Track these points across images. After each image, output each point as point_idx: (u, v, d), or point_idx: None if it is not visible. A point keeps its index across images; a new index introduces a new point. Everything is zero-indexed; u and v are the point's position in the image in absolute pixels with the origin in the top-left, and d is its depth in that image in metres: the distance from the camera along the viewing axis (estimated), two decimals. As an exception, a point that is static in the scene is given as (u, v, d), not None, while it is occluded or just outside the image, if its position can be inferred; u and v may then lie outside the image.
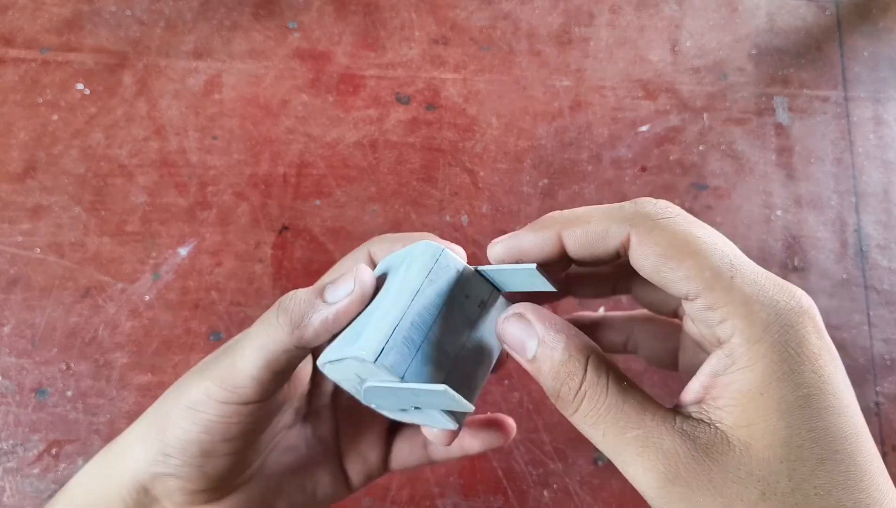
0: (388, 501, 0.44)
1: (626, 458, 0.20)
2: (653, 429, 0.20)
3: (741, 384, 0.20)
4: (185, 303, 0.48)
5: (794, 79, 0.57)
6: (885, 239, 0.52)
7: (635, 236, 0.21)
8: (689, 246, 0.20)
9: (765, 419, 0.19)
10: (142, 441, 0.28)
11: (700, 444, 0.20)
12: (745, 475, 0.19)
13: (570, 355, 0.21)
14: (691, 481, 0.19)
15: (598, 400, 0.21)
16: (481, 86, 0.56)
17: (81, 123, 0.53)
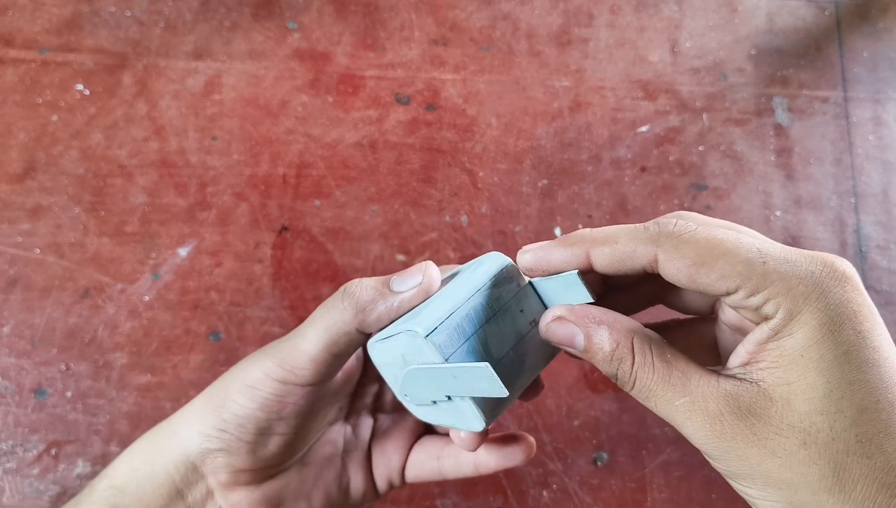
0: (388, 501, 0.44)
1: (678, 421, 0.23)
2: (698, 395, 0.22)
3: (782, 349, 0.21)
4: (185, 303, 0.48)
5: (794, 79, 0.57)
6: (885, 240, 0.52)
7: (662, 255, 0.23)
8: (716, 250, 0.22)
9: (804, 376, 0.21)
10: (198, 416, 0.29)
11: (743, 402, 0.22)
12: (787, 427, 0.21)
13: (617, 342, 0.24)
14: (736, 435, 0.21)
15: (647, 377, 0.23)
16: (481, 86, 0.56)
17: (81, 123, 0.53)
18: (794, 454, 0.21)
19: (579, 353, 0.25)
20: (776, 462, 0.21)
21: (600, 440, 0.46)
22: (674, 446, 0.46)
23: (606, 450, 0.45)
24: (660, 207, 0.53)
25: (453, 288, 0.26)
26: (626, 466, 0.45)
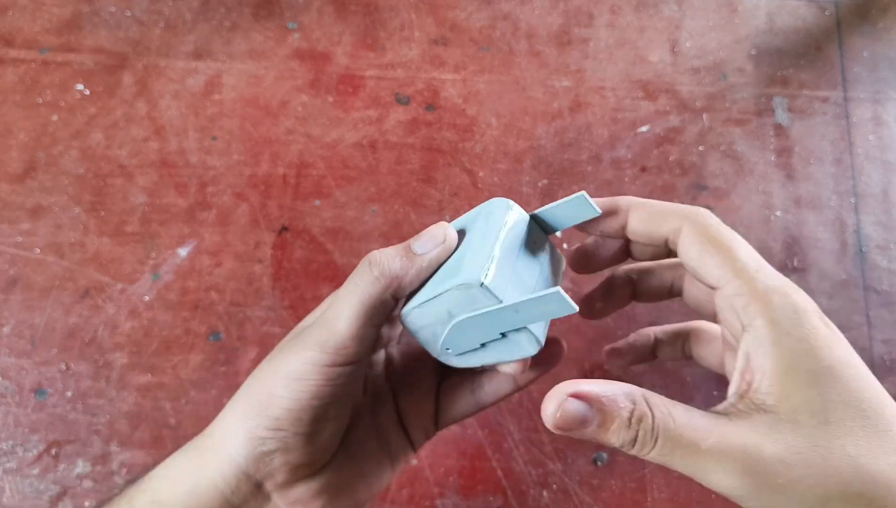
0: (387, 501, 0.44)
1: (706, 468, 0.23)
2: (721, 433, 0.23)
3: (773, 362, 0.23)
4: (185, 303, 0.48)
5: (794, 79, 0.57)
6: (885, 240, 0.52)
7: (687, 227, 0.26)
8: (726, 243, 0.25)
9: (798, 390, 0.23)
10: (242, 423, 0.28)
11: (760, 431, 0.23)
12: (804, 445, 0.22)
13: (634, 402, 0.24)
14: (766, 468, 0.22)
15: (671, 427, 0.24)
16: (481, 86, 0.56)
17: (81, 123, 0.53)
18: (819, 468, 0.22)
19: (591, 432, 0.25)
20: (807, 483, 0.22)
21: (600, 441, 0.46)
22: (674, 446, 0.46)
23: (606, 450, 0.46)
24: (660, 207, 0.53)
25: (478, 236, 0.28)
26: (625, 466, 0.45)
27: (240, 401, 0.29)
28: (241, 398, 0.29)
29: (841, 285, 0.51)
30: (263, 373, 0.29)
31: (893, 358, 0.49)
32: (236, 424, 0.28)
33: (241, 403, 0.29)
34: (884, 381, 0.49)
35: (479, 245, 0.27)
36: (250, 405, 0.28)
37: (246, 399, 0.29)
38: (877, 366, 0.49)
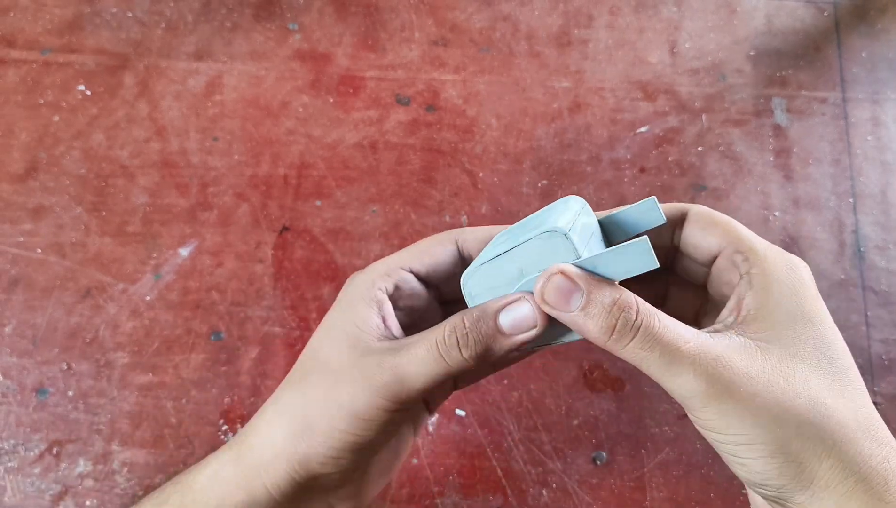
0: (388, 500, 0.44)
1: (678, 369, 0.24)
2: (700, 342, 0.25)
3: (759, 302, 0.26)
4: (186, 303, 0.49)
5: (793, 80, 0.58)
6: (883, 240, 0.53)
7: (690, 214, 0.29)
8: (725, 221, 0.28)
9: (777, 325, 0.25)
10: (296, 444, 0.29)
11: (734, 349, 0.25)
12: (771, 368, 0.24)
13: (621, 294, 0.25)
14: (733, 379, 0.24)
15: (654, 325, 0.25)
16: (481, 87, 0.56)
17: (83, 124, 0.53)
18: (781, 390, 0.24)
19: (566, 316, 0.26)
20: (766, 399, 0.24)
21: (599, 440, 0.46)
22: (672, 445, 0.46)
23: (606, 449, 0.46)
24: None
25: (557, 215, 0.28)
26: (625, 465, 0.45)
27: (290, 422, 0.29)
28: (293, 419, 0.29)
29: (839, 285, 0.51)
30: (320, 400, 0.29)
31: (892, 357, 0.49)
32: (291, 446, 0.29)
33: (292, 424, 0.29)
34: (882, 380, 0.49)
35: (559, 214, 0.28)
36: (306, 431, 0.29)
37: (301, 422, 0.29)
38: (875, 365, 0.49)
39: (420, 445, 0.45)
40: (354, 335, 0.30)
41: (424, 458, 0.45)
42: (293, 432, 0.29)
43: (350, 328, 0.30)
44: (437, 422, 0.46)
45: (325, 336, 0.31)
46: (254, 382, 0.47)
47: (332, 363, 0.30)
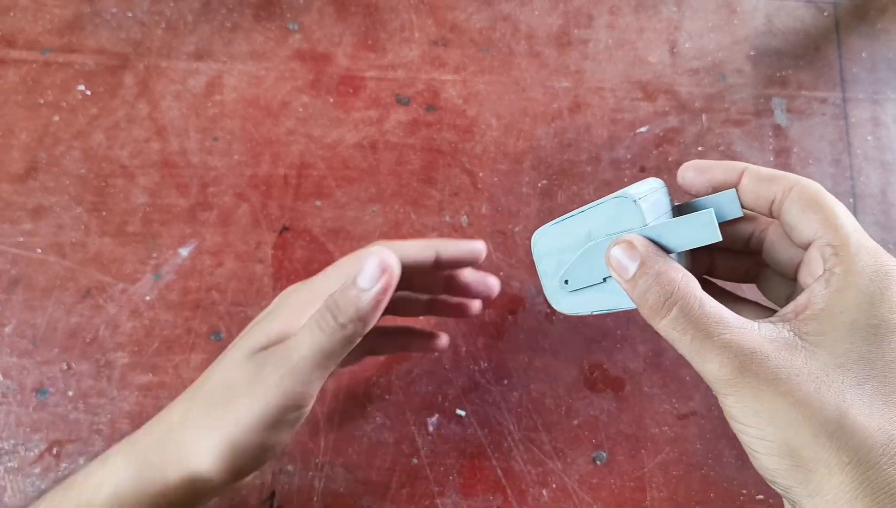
0: (387, 500, 0.44)
1: (707, 356, 0.24)
2: (738, 333, 0.24)
3: (827, 303, 0.24)
4: (186, 303, 0.49)
5: (793, 80, 0.58)
6: (883, 240, 0.53)
7: (797, 188, 0.28)
8: (829, 204, 0.27)
9: (835, 331, 0.24)
10: (210, 437, 0.31)
11: (776, 345, 0.24)
12: (807, 373, 0.23)
13: (665, 269, 0.26)
14: (759, 373, 0.24)
15: (691, 307, 0.25)
16: (481, 87, 0.56)
17: (83, 124, 0.53)
18: (807, 396, 0.23)
19: (623, 281, 0.27)
20: (788, 400, 0.23)
21: (599, 440, 0.46)
22: (672, 445, 0.46)
23: (606, 449, 0.46)
24: (659, 207, 0.53)
25: (632, 187, 0.29)
26: (625, 465, 0.45)
27: (205, 416, 0.32)
28: (206, 413, 0.32)
29: (839, 285, 0.51)
30: (224, 394, 0.31)
31: (891, 358, 0.49)
32: (206, 440, 0.31)
33: (205, 418, 0.31)
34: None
35: (635, 187, 0.29)
36: (218, 425, 0.31)
37: (211, 415, 0.31)
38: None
39: (420, 445, 0.45)
40: (247, 355, 0.32)
41: (424, 458, 0.45)
42: (210, 430, 0.31)
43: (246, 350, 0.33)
44: (437, 422, 0.46)
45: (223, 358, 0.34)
46: (254, 382, 0.47)
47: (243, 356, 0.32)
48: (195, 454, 0.31)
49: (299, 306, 0.33)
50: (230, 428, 0.30)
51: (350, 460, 0.45)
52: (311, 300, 0.33)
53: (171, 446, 0.31)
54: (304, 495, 0.44)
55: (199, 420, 0.31)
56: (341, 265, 0.35)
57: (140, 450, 0.33)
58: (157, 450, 0.32)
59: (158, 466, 0.31)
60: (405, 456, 0.45)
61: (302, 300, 0.34)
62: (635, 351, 0.48)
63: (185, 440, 0.31)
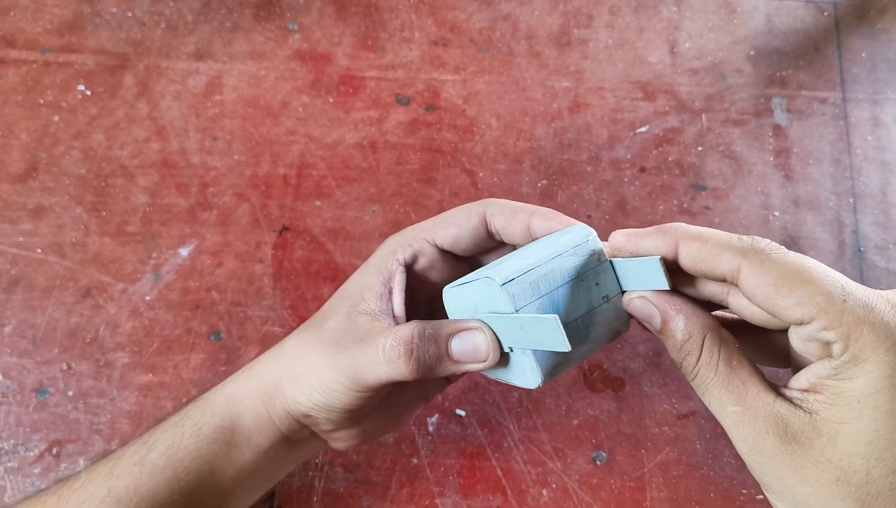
0: (387, 500, 0.44)
1: (726, 425, 0.25)
2: (751, 408, 0.24)
3: (841, 390, 0.22)
4: (186, 303, 0.49)
5: (793, 80, 0.58)
6: (883, 240, 0.53)
7: (746, 267, 0.23)
8: (801, 275, 0.22)
9: (856, 420, 0.22)
10: (290, 392, 0.32)
11: (790, 428, 0.23)
12: (825, 461, 0.22)
13: (690, 334, 0.25)
14: (776, 456, 0.23)
15: (709, 376, 0.25)
16: (481, 87, 0.56)
17: (83, 124, 0.53)
18: (826, 487, 0.22)
19: (655, 332, 0.27)
20: (807, 489, 0.22)
21: (599, 440, 0.46)
22: (672, 445, 0.46)
23: (605, 449, 0.46)
24: (659, 207, 0.53)
25: (536, 248, 0.27)
26: (625, 465, 0.45)
27: (286, 368, 0.32)
28: (287, 366, 0.32)
29: (839, 285, 0.51)
30: (305, 360, 0.32)
31: (891, 358, 0.49)
32: (286, 387, 0.32)
33: (286, 371, 0.32)
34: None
35: (530, 255, 0.27)
36: (296, 380, 0.32)
37: (291, 372, 0.32)
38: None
39: (420, 445, 0.45)
40: (354, 302, 0.32)
41: (424, 458, 0.45)
42: (286, 376, 0.32)
43: (355, 293, 0.32)
44: (437, 422, 0.46)
45: (339, 295, 0.33)
46: (254, 382, 0.47)
47: (326, 324, 0.32)
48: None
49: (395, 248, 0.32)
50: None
51: (350, 460, 0.45)
52: (398, 245, 0.32)
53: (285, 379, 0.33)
54: (303, 495, 0.44)
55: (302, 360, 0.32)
56: (456, 214, 0.32)
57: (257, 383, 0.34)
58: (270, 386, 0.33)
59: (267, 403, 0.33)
60: (405, 456, 0.45)
61: (398, 242, 0.33)
62: (635, 351, 0.48)
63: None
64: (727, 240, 0.25)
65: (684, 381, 0.48)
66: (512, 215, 0.30)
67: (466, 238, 0.32)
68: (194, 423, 0.33)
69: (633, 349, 0.48)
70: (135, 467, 0.32)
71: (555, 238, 0.28)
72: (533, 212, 0.30)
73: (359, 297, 0.31)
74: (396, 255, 0.32)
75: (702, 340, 0.25)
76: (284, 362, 0.33)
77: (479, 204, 0.32)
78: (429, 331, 0.28)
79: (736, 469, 0.45)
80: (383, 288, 0.31)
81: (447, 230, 0.32)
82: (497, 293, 0.26)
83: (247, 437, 0.33)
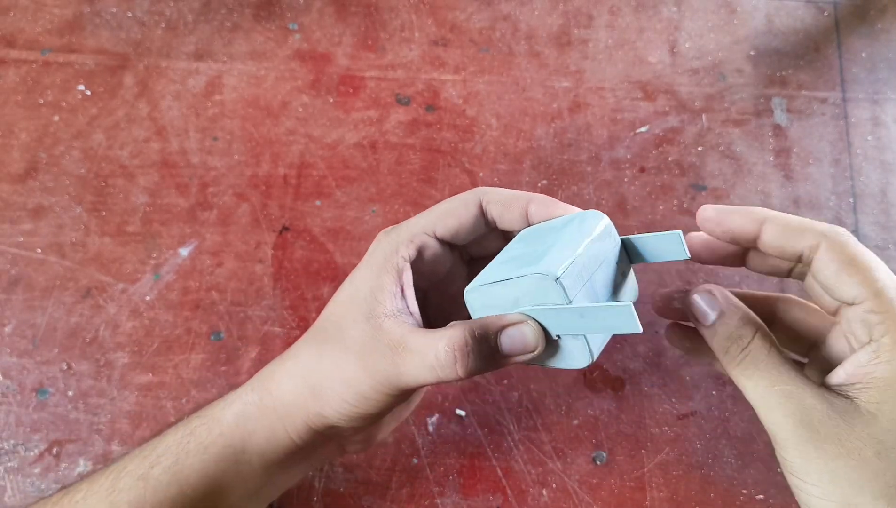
0: (387, 500, 0.44)
1: (770, 404, 0.26)
2: (799, 386, 0.25)
3: (880, 373, 0.25)
4: (186, 303, 0.49)
5: (793, 80, 0.58)
6: (883, 240, 0.53)
7: (825, 245, 0.26)
8: (865, 262, 0.26)
9: (893, 399, 0.24)
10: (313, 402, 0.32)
11: (835, 407, 0.25)
12: (867, 436, 0.24)
13: (744, 323, 0.27)
14: (821, 430, 0.25)
15: (759, 358, 0.26)
16: (481, 87, 0.56)
17: (83, 124, 0.53)
18: (868, 460, 0.24)
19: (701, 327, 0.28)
20: (849, 462, 0.24)
21: (599, 440, 0.46)
22: (672, 445, 0.46)
23: (605, 449, 0.46)
24: (659, 207, 0.53)
25: (566, 237, 0.28)
26: (625, 465, 0.45)
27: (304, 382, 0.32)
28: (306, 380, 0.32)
29: (839, 285, 0.51)
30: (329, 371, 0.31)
31: (891, 358, 0.49)
32: (306, 402, 0.32)
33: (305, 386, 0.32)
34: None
35: (564, 245, 0.28)
36: (319, 393, 0.31)
37: (313, 386, 0.32)
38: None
39: (420, 445, 0.45)
40: (370, 306, 0.31)
41: (424, 458, 0.45)
42: (306, 392, 0.32)
43: (368, 296, 0.32)
44: (437, 422, 0.46)
45: (347, 300, 0.33)
46: (254, 382, 0.47)
47: (346, 332, 0.31)
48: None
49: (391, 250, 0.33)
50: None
51: (350, 460, 0.45)
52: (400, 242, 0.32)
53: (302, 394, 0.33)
54: (303, 495, 0.44)
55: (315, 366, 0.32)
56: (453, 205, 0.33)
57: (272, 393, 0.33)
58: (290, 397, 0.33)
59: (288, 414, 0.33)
60: (405, 456, 0.45)
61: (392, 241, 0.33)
62: (635, 351, 0.48)
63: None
64: (809, 222, 0.27)
65: (684, 381, 0.48)
66: (509, 203, 0.32)
67: (466, 228, 0.32)
68: (200, 441, 0.32)
69: (633, 348, 0.48)
70: (138, 482, 0.31)
71: (576, 226, 0.29)
72: (529, 199, 0.31)
73: (373, 300, 0.31)
74: (401, 252, 0.32)
75: (755, 329, 0.27)
76: (305, 378, 0.32)
77: (472, 193, 0.33)
78: (478, 332, 0.29)
79: (736, 469, 0.45)
80: (395, 288, 0.31)
81: (447, 222, 0.32)
82: (550, 288, 0.27)
83: (258, 454, 0.32)
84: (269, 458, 0.33)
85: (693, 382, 0.47)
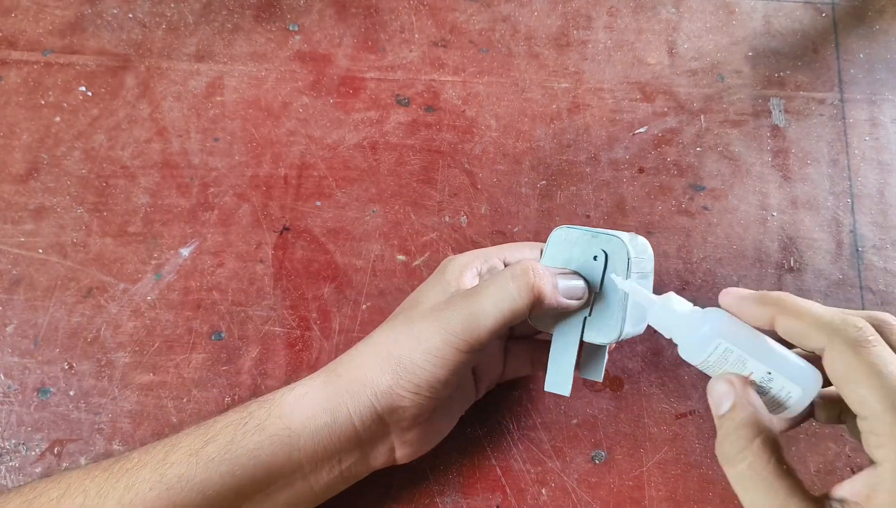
0: (388, 499, 0.44)
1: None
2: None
3: (880, 502, 0.23)
4: (187, 303, 0.49)
5: (791, 81, 0.58)
6: (881, 240, 0.53)
7: (827, 353, 0.25)
8: (872, 367, 0.24)
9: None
10: (382, 377, 0.33)
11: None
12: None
13: (751, 421, 0.26)
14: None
15: (756, 468, 0.25)
16: (480, 88, 0.56)
17: (84, 124, 0.54)
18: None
19: (715, 416, 0.28)
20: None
21: (598, 439, 0.46)
22: (671, 444, 0.46)
23: (604, 448, 0.46)
24: (657, 207, 0.53)
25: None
26: (623, 464, 0.46)
27: (377, 356, 0.33)
28: (378, 353, 0.33)
29: (837, 285, 0.51)
30: (403, 338, 0.33)
31: (889, 357, 0.49)
32: (377, 377, 0.33)
33: (378, 358, 0.33)
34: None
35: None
36: (391, 364, 0.33)
37: (386, 356, 0.33)
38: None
39: (420, 444, 0.46)
40: (445, 286, 0.35)
41: (424, 457, 0.45)
42: (380, 364, 0.33)
43: (444, 282, 0.35)
44: (436, 421, 0.46)
45: (422, 289, 0.36)
46: (254, 381, 0.47)
47: (419, 304, 0.34)
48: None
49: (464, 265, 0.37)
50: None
51: (350, 459, 0.45)
52: (483, 258, 0.37)
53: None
54: (304, 494, 0.44)
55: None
56: (524, 244, 0.40)
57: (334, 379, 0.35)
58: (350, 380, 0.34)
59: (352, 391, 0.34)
60: (405, 455, 0.45)
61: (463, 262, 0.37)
62: (634, 350, 0.48)
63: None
64: (818, 318, 0.26)
65: (683, 381, 0.48)
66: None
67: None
68: (258, 422, 0.33)
69: (632, 348, 0.49)
70: (190, 457, 0.32)
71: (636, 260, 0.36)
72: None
73: (451, 285, 0.35)
74: (475, 265, 0.36)
75: (760, 432, 0.26)
76: (376, 350, 0.34)
77: (535, 244, 0.40)
78: (541, 268, 0.33)
79: (734, 468, 0.46)
80: (475, 281, 0.36)
81: (515, 255, 0.38)
82: (621, 256, 0.35)
83: (312, 439, 0.33)
84: (323, 445, 0.33)
85: (691, 381, 0.48)
